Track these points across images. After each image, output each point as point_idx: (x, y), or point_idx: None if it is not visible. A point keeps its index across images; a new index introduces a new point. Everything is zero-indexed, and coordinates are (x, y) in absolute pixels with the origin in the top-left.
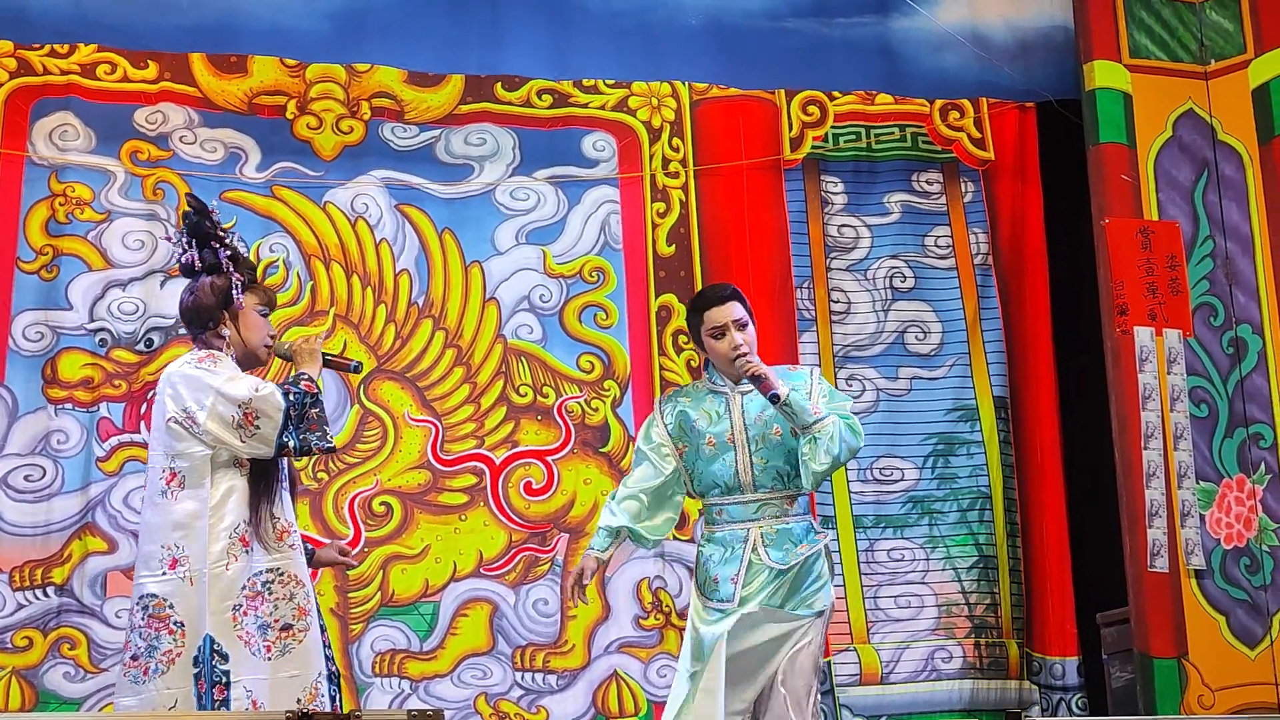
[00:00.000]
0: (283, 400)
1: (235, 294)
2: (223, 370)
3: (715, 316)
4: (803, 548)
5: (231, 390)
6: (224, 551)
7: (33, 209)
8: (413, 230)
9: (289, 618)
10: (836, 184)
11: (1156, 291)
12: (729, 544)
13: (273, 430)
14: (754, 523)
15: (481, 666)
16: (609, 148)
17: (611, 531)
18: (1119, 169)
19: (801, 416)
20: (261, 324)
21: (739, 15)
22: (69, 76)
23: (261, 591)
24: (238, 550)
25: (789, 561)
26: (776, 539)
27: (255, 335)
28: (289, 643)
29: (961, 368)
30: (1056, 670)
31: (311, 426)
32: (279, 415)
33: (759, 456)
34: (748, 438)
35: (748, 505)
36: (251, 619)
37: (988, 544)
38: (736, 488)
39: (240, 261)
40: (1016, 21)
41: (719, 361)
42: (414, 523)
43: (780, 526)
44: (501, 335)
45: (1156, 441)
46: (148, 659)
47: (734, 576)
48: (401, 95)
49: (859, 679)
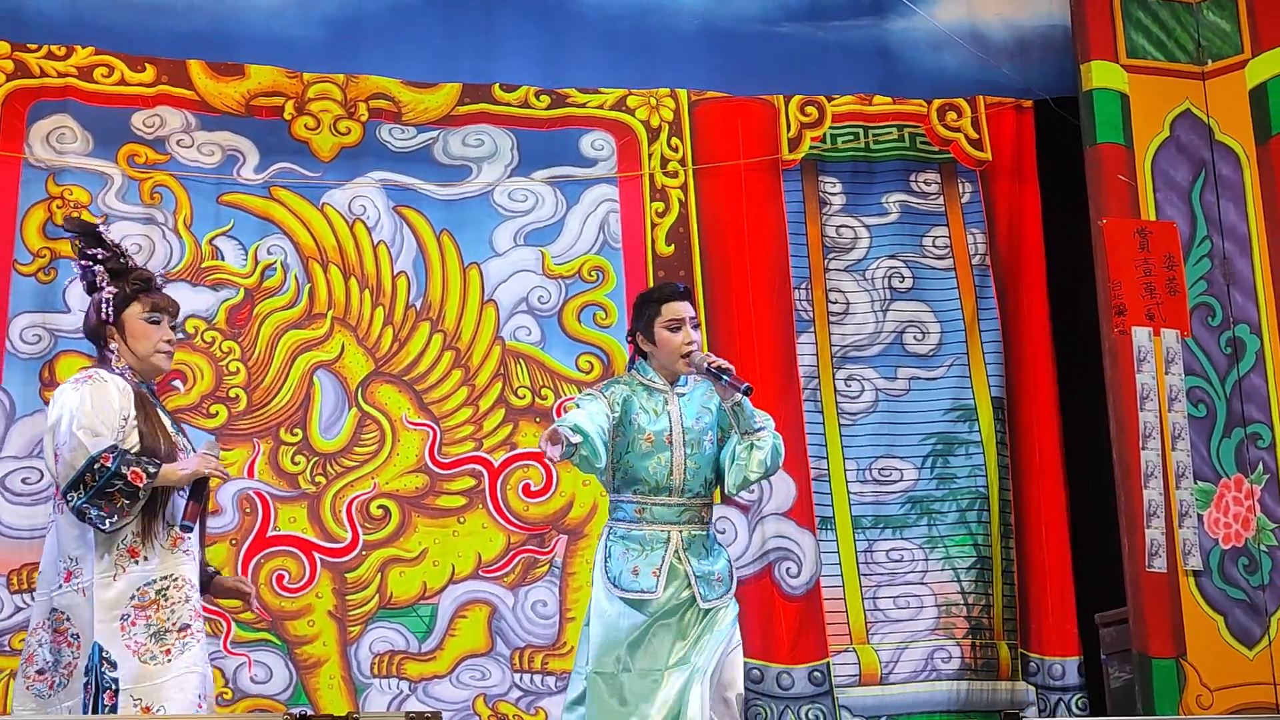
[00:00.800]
0: (88, 461)
1: (106, 309)
2: (83, 393)
3: (674, 309)
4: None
5: (68, 419)
6: (112, 564)
7: (30, 211)
8: (410, 232)
9: (186, 618)
10: (835, 184)
11: (1154, 292)
12: (648, 544)
13: (65, 477)
14: (675, 526)
15: (480, 668)
16: (608, 147)
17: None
18: (1116, 169)
19: (749, 420)
20: (149, 331)
21: (733, 21)
22: (66, 79)
23: (156, 599)
24: (125, 562)
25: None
26: (693, 545)
27: (143, 344)
28: (188, 642)
29: (960, 368)
30: (1056, 670)
31: (104, 506)
32: (75, 470)
33: (692, 461)
34: (685, 441)
35: (672, 508)
36: (142, 627)
37: (986, 544)
38: (665, 489)
39: (123, 274)
40: (1014, 20)
41: (667, 355)
42: (412, 525)
43: (698, 533)
44: (500, 337)
45: (1154, 441)
46: (53, 674)
47: (656, 569)
48: (399, 96)
49: (858, 679)
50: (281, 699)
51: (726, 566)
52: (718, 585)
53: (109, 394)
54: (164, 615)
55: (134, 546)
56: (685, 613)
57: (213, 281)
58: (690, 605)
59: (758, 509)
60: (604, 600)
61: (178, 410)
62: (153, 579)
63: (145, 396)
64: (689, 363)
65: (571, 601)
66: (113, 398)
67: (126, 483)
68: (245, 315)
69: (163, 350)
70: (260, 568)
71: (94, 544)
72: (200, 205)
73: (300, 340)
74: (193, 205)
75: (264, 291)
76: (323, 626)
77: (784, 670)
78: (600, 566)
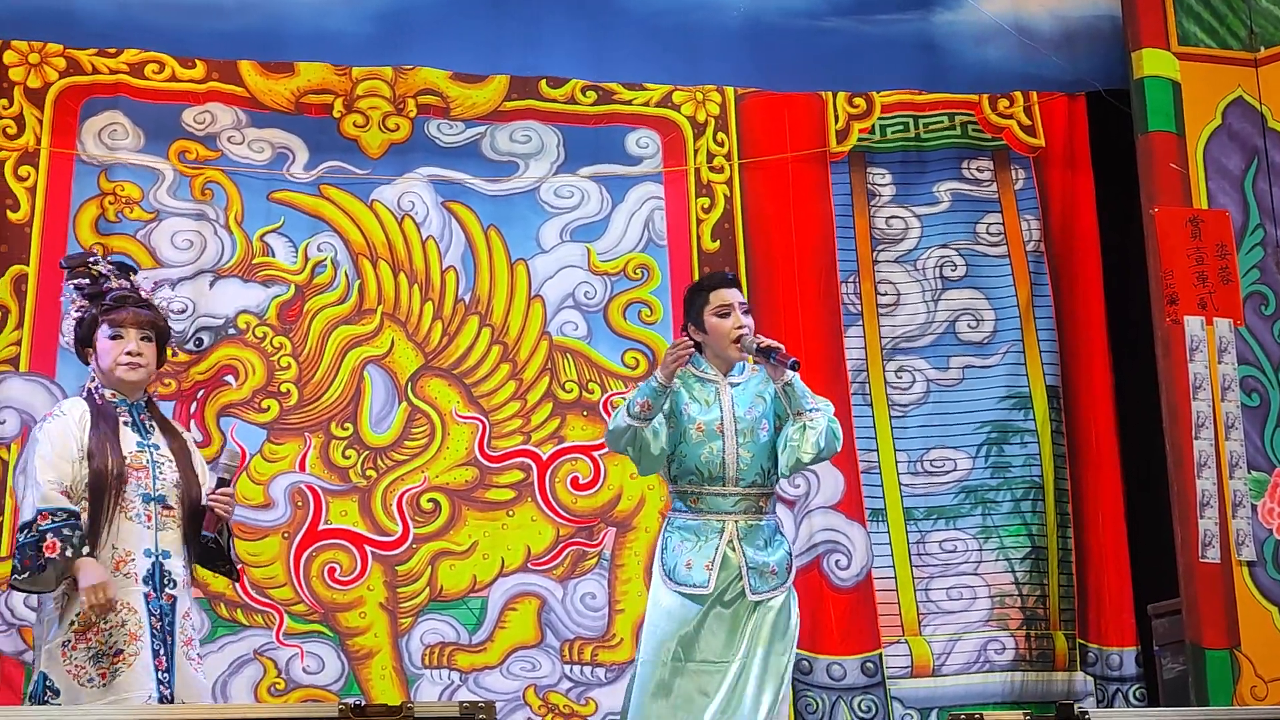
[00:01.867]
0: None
1: (78, 330)
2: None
3: (724, 295)
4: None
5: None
6: (62, 594)
7: (82, 207)
8: (459, 227)
9: (121, 643)
10: (884, 175)
11: (1206, 280)
12: (703, 533)
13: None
14: (731, 516)
15: (530, 659)
16: (653, 144)
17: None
18: (1168, 157)
19: (800, 401)
20: (109, 347)
21: (778, 15)
22: (117, 76)
23: (96, 622)
24: (71, 590)
25: (761, 562)
26: (750, 534)
27: (105, 359)
28: (119, 667)
29: (1015, 355)
30: (1114, 661)
31: (25, 560)
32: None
33: (745, 450)
34: (736, 430)
35: (727, 497)
36: (82, 651)
37: (1041, 534)
38: (719, 478)
39: (98, 297)
40: (1061, 12)
41: (719, 342)
42: (462, 519)
43: (754, 523)
44: (547, 332)
45: (1207, 431)
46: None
47: (709, 562)
48: (447, 92)
49: (910, 671)
50: (334, 689)
51: (784, 558)
52: (770, 577)
53: (64, 430)
54: (102, 638)
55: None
56: (738, 605)
57: (264, 278)
58: (741, 596)
59: (804, 502)
60: (660, 591)
61: (230, 405)
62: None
63: (108, 415)
64: (740, 347)
65: (620, 594)
66: (68, 432)
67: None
68: (296, 311)
69: (123, 363)
70: (312, 561)
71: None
72: (251, 202)
73: (350, 335)
74: (244, 202)
75: (314, 287)
76: (374, 618)
77: (835, 661)
78: (659, 556)
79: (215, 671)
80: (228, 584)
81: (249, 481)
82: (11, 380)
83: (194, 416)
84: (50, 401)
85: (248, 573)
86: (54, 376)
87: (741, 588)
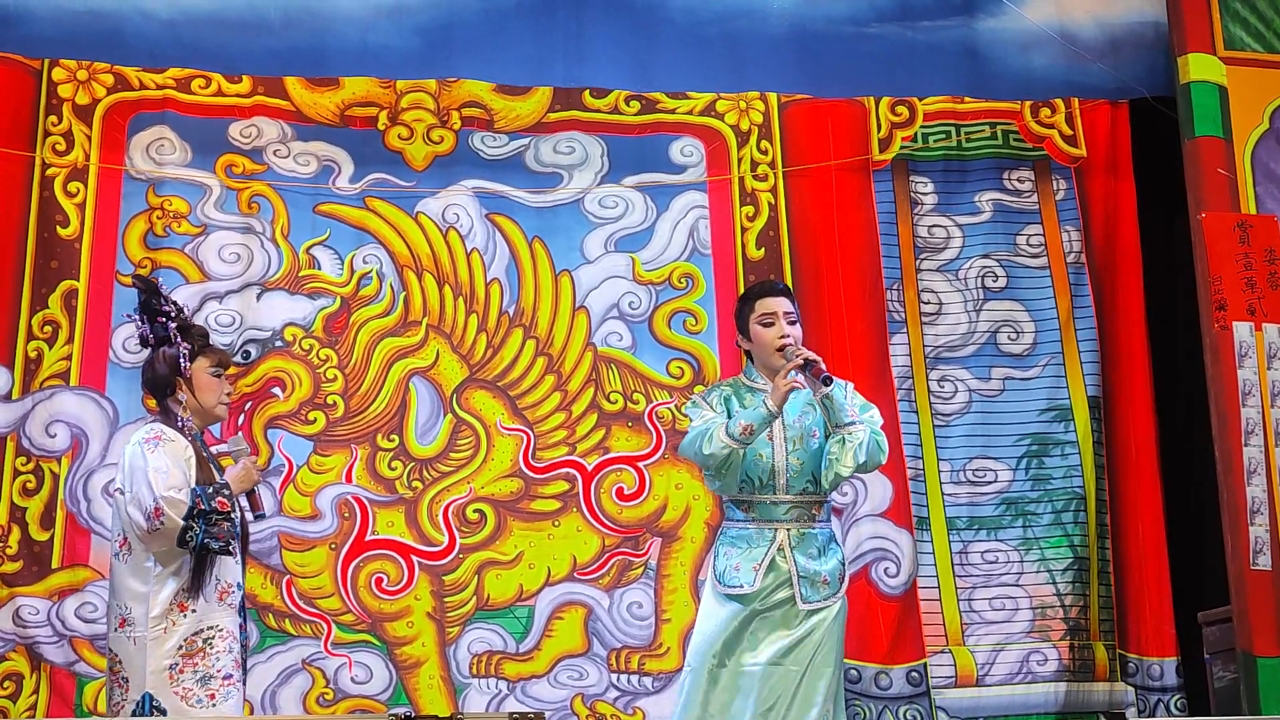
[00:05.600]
0: (189, 510)
1: (183, 362)
2: (159, 455)
3: (768, 304)
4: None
5: (153, 481)
6: (163, 616)
7: (131, 222)
8: (503, 239)
9: (229, 668)
10: (926, 184)
11: (1255, 286)
12: (754, 541)
13: (174, 527)
14: (782, 524)
15: (577, 668)
16: (696, 153)
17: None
18: (1215, 163)
19: (839, 414)
20: (214, 384)
21: (823, 22)
22: (164, 91)
23: (203, 648)
24: (175, 616)
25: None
26: (803, 543)
27: (209, 396)
28: (230, 690)
29: (1055, 367)
30: (1154, 671)
31: (218, 536)
32: (180, 523)
33: (795, 458)
34: (785, 438)
35: (778, 505)
36: (190, 675)
37: (1082, 546)
38: (769, 486)
39: (188, 330)
40: (1105, 18)
41: (763, 351)
42: (507, 529)
43: (806, 531)
44: (591, 343)
45: (1257, 438)
46: (109, 707)
47: (756, 565)
48: (491, 104)
49: (954, 681)
50: (382, 699)
51: (837, 568)
52: (822, 587)
53: (179, 452)
54: (209, 663)
55: (183, 602)
56: (786, 611)
57: (310, 290)
58: (790, 604)
59: (852, 510)
60: (711, 597)
61: (277, 417)
62: (199, 629)
63: (199, 450)
64: (783, 356)
65: (666, 603)
66: (180, 455)
67: (219, 513)
68: (342, 323)
69: (224, 402)
70: (359, 571)
71: (147, 598)
72: (297, 215)
73: (396, 347)
74: (289, 215)
75: (360, 300)
76: (422, 628)
77: (882, 670)
78: (710, 565)
79: (264, 682)
80: (276, 594)
81: (296, 493)
82: (63, 394)
83: (241, 429)
84: (101, 415)
85: (295, 583)
86: (104, 391)
87: (791, 595)
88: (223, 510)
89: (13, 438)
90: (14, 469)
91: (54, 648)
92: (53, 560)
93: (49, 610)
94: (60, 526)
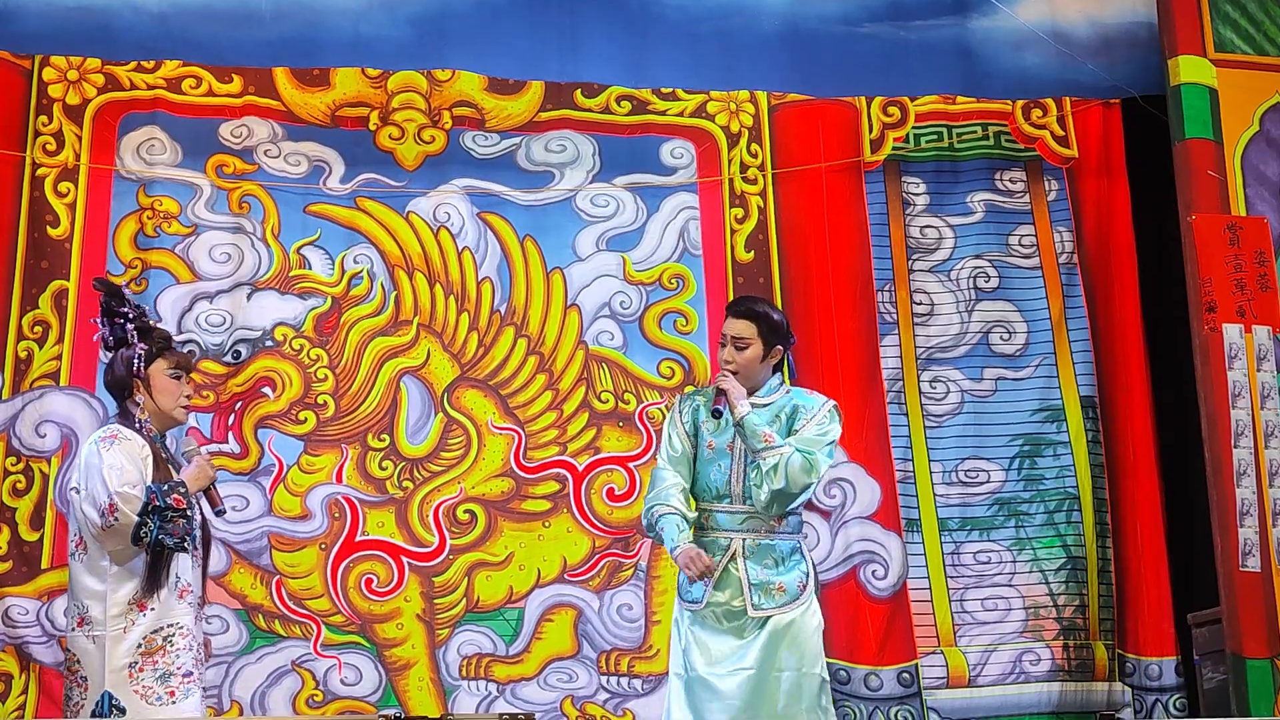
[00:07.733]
0: (143, 507)
1: (137, 363)
2: (114, 453)
3: (727, 324)
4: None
5: (108, 477)
6: (121, 616)
7: (122, 222)
8: (494, 238)
9: (189, 665)
10: (918, 184)
11: (1245, 288)
12: (710, 550)
13: (129, 523)
14: (737, 533)
15: (567, 670)
16: (687, 155)
17: (687, 520)
18: (1205, 164)
19: (750, 441)
20: (172, 386)
21: (815, 21)
22: (155, 91)
23: (163, 645)
24: (135, 615)
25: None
26: (758, 552)
27: (166, 399)
28: (190, 687)
29: (1047, 368)
30: (1153, 671)
31: (173, 531)
32: (134, 519)
33: (752, 469)
34: (743, 451)
35: (734, 515)
36: (149, 673)
37: (1075, 545)
38: (726, 496)
39: (148, 332)
40: (1098, 18)
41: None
42: (498, 530)
43: (763, 541)
44: (583, 342)
45: (1247, 440)
46: (67, 707)
47: (707, 580)
48: (482, 103)
49: (946, 682)
50: (371, 700)
51: (799, 578)
52: (777, 594)
53: (135, 451)
54: (169, 660)
55: (142, 600)
56: (739, 620)
57: (300, 290)
58: (742, 613)
59: (840, 513)
60: (676, 607)
61: (267, 417)
62: (159, 627)
63: (158, 452)
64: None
65: (656, 605)
66: (136, 454)
67: (174, 509)
68: (333, 323)
69: (183, 404)
70: (349, 572)
71: (104, 596)
72: (287, 215)
73: (387, 347)
74: (280, 215)
75: (351, 299)
76: (411, 629)
77: (872, 671)
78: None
79: (253, 683)
80: (266, 595)
81: (286, 493)
82: (53, 394)
83: (232, 429)
84: (90, 415)
85: (285, 584)
86: (94, 391)
87: (743, 604)
88: (178, 507)
89: (2, 438)
90: (4, 469)
91: (43, 648)
92: (42, 560)
93: (38, 610)
94: (50, 527)
